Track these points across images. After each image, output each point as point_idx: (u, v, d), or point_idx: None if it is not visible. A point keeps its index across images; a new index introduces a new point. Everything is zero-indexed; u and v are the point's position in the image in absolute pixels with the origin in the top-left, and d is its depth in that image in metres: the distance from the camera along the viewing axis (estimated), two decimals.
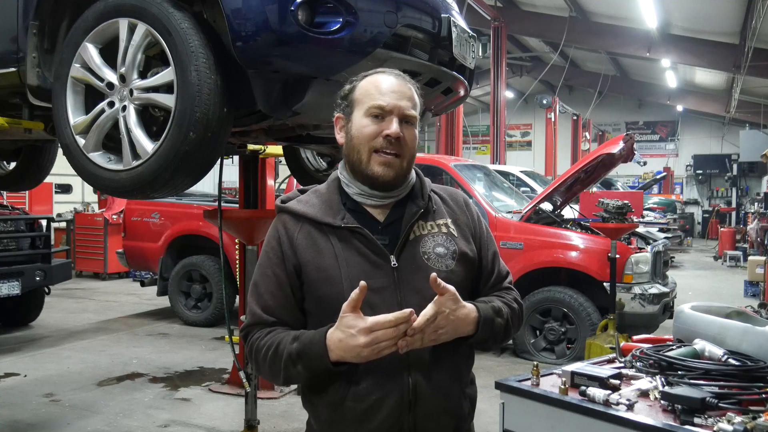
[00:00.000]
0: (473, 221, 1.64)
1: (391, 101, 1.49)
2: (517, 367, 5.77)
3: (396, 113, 1.49)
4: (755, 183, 22.17)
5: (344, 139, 1.55)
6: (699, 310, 2.00)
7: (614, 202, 5.65)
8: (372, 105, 1.49)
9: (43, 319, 7.55)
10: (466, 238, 1.60)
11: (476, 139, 23.82)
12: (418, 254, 1.51)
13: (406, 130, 1.50)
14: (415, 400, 1.46)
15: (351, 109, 1.53)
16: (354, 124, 1.52)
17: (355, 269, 1.47)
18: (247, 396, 3.56)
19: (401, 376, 1.45)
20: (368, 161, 1.49)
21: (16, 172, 4.54)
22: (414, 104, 1.53)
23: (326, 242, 1.50)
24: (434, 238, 1.54)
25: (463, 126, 13.00)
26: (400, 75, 1.55)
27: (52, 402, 4.84)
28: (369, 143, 1.49)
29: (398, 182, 1.53)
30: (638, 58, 16.78)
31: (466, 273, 1.56)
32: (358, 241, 1.50)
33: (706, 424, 1.47)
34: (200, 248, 7.58)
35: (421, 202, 1.57)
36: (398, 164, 1.50)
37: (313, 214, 1.53)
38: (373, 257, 1.49)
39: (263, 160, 4.59)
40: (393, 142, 1.48)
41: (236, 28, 2.23)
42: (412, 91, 1.54)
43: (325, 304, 1.48)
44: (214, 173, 2.98)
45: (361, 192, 1.54)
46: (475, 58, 2.96)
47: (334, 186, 1.59)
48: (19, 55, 2.65)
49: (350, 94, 1.54)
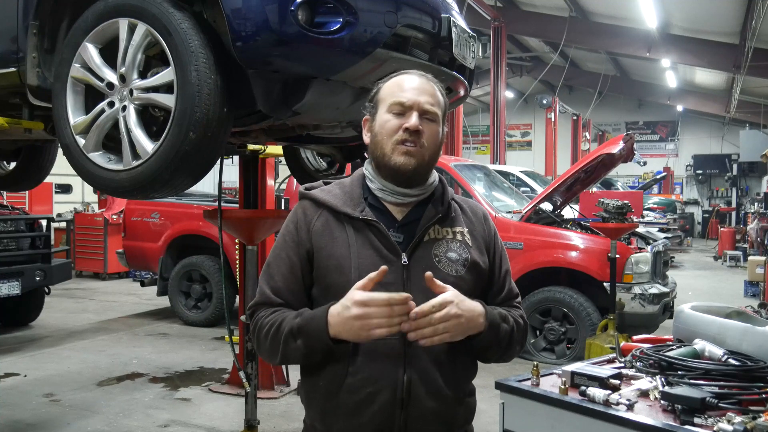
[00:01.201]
0: (490, 236, 1.65)
1: (411, 97, 1.53)
2: (517, 367, 5.76)
3: (416, 108, 1.52)
4: (755, 183, 22.17)
5: (369, 137, 1.59)
6: (699, 310, 2.00)
7: (614, 202, 5.66)
8: (393, 101, 1.53)
9: (43, 319, 7.55)
10: (480, 249, 1.61)
11: (476, 139, 23.82)
12: (429, 256, 1.53)
13: (426, 125, 1.53)
14: (408, 399, 1.46)
15: (376, 110, 1.58)
16: (377, 121, 1.56)
17: (366, 261, 1.49)
18: (247, 396, 3.56)
19: (397, 373, 1.46)
20: (391, 153, 1.52)
21: (16, 172, 4.54)
22: (435, 102, 1.56)
23: (341, 231, 1.53)
24: (448, 244, 1.56)
25: (463, 126, 13.00)
26: (423, 75, 1.59)
27: (52, 402, 4.84)
28: (391, 137, 1.52)
29: (419, 174, 1.55)
30: (638, 58, 16.78)
31: (475, 282, 1.57)
32: (372, 234, 1.52)
33: (706, 424, 1.46)
34: (200, 248, 7.58)
35: (440, 207, 1.59)
36: (420, 154, 1.52)
37: (333, 203, 1.56)
38: (384, 252, 1.51)
39: (263, 160, 4.59)
40: (413, 134, 1.51)
41: (236, 28, 2.23)
42: (435, 89, 1.57)
43: (331, 292, 1.50)
44: (214, 173, 2.98)
45: (383, 188, 1.57)
46: (475, 58, 2.96)
47: (358, 180, 1.62)
48: (19, 55, 2.65)
49: (375, 96, 1.59)
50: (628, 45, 15.25)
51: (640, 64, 18.27)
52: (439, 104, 1.57)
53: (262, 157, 4.42)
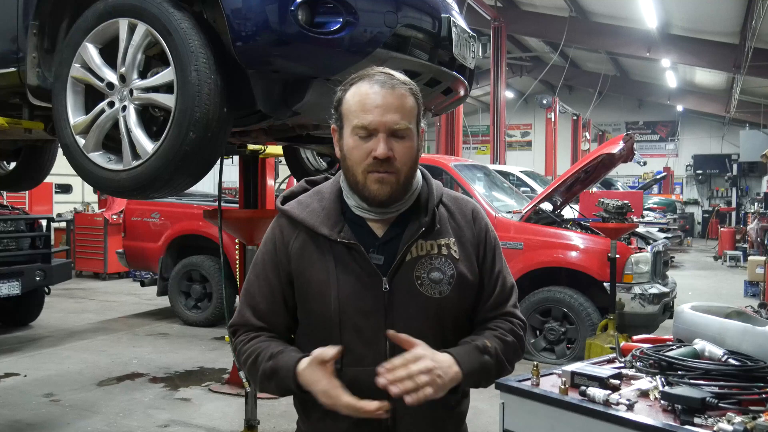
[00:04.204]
0: (480, 236, 1.55)
1: (375, 119, 1.39)
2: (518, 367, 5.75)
3: (382, 130, 1.39)
4: (755, 183, 22.16)
5: (339, 153, 1.48)
6: (699, 310, 2.00)
7: (614, 202, 5.65)
8: (356, 124, 1.40)
9: (43, 319, 7.55)
10: (469, 259, 1.51)
11: (476, 139, 23.81)
12: (411, 279, 1.45)
13: (397, 144, 1.40)
14: (393, 425, 1.44)
15: (341, 123, 1.45)
16: (345, 142, 1.44)
17: (346, 288, 1.43)
18: (247, 396, 3.56)
19: (381, 398, 1.37)
20: (364, 182, 1.42)
21: (16, 172, 4.55)
22: (404, 114, 1.41)
23: (320, 255, 1.47)
24: (431, 261, 1.46)
25: (463, 126, 13.00)
26: (386, 82, 1.41)
27: (52, 402, 4.84)
28: (361, 164, 1.41)
29: (395, 198, 1.45)
30: (638, 58, 16.77)
31: (461, 299, 1.49)
32: (352, 258, 1.45)
33: (706, 424, 1.46)
34: (200, 248, 7.58)
35: (424, 219, 1.48)
36: (393, 180, 1.42)
37: (310, 222, 1.47)
38: (365, 278, 1.44)
39: (263, 160, 4.59)
40: (383, 162, 1.39)
41: (236, 28, 2.23)
42: (402, 98, 1.41)
43: (312, 318, 1.49)
44: (214, 173, 2.98)
45: (360, 206, 1.48)
46: (475, 58, 2.96)
47: (336, 194, 1.52)
48: (19, 55, 2.66)
49: (339, 107, 1.46)
50: (628, 45, 15.25)
51: (640, 64, 18.27)
52: (410, 114, 1.42)
53: (262, 157, 4.42)
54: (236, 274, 6.47)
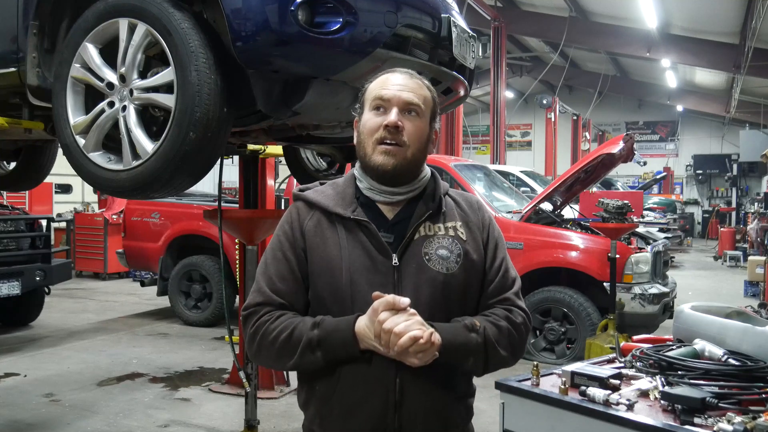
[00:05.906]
0: (484, 224, 1.61)
1: (391, 93, 1.50)
2: (517, 367, 5.73)
3: (395, 103, 1.50)
4: (755, 183, 22.17)
5: (356, 138, 1.58)
6: (699, 310, 2.00)
7: (614, 202, 5.66)
8: (374, 97, 1.52)
9: (43, 319, 7.55)
10: (476, 241, 1.58)
11: (476, 139, 23.82)
12: (420, 254, 1.51)
13: (408, 120, 1.50)
14: (401, 400, 1.46)
15: (362, 108, 1.56)
16: (362, 121, 1.55)
17: (357, 263, 1.49)
18: (247, 396, 3.56)
19: (388, 376, 1.45)
20: (372, 153, 1.51)
21: (16, 172, 4.54)
22: (420, 96, 1.52)
23: (333, 232, 1.53)
24: (439, 240, 1.53)
25: (463, 126, 13.00)
26: (409, 72, 1.56)
27: (52, 402, 4.84)
28: (372, 136, 1.51)
29: (402, 173, 1.52)
30: (638, 58, 16.77)
31: (468, 277, 1.54)
32: (363, 234, 1.51)
33: (706, 424, 1.47)
34: (200, 248, 7.58)
35: (431, 204, 1.56)
36: (400, 153, 1.50)
37: (325, 203, 1.55)
38: (375, 253, 1.50)
39: (263, 160, 4.59)
40: (392, 131, 1.48)
41: (236, 28, 2.23)
42: (420, 85, 1.55)
43: (322, 292, 1.50)
44: (214, 173, 2.98)
45: (371, 187, 1.56)
46: (475, 58, 2.96)
47: (350, 180, 1.61)
48: (19, 55, 2.65)
49: (362, 96, 1.57)
50: (628, 45, 15.25)
51: (640, 64, 18.27)
52: (425, 99, 1.54)
53: (262, 157, 4.42)
54: (236, 274, 6.47)
